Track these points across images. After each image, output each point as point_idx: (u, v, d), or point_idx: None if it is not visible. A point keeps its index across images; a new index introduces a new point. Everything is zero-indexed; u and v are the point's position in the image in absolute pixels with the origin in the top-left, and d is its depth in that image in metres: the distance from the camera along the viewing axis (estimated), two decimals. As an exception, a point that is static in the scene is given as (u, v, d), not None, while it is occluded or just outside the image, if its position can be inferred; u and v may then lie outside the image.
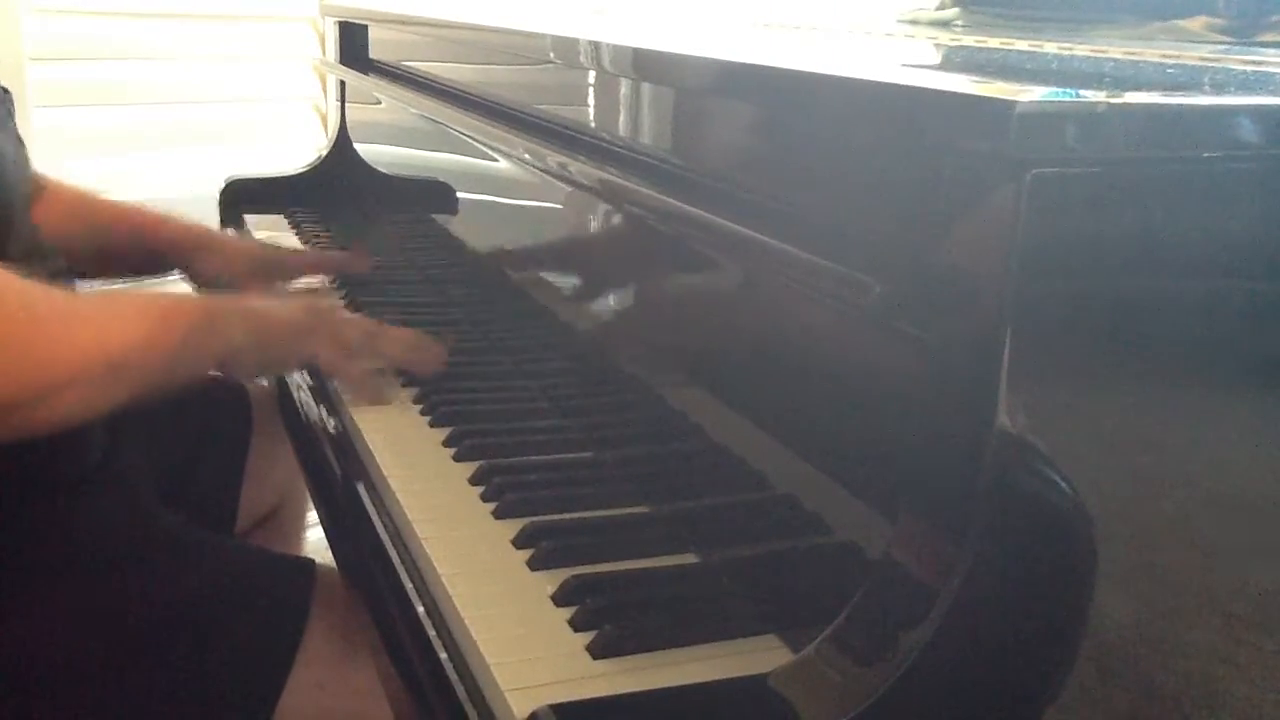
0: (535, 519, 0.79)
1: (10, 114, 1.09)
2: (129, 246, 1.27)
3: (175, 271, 1.34)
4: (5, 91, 1.12)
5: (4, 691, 0.85)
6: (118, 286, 1.27)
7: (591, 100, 0.97)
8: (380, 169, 1.59)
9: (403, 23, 1.49)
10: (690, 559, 0.75)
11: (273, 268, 1.31)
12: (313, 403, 1.03)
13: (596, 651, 0.65)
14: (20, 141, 1.11)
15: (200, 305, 0.91)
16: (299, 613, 0.92)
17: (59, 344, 0.79)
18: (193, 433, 1.21)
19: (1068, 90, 0.54)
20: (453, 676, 0.65)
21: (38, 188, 1.22)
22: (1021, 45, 0.92)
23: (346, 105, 1.69)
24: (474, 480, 0.86)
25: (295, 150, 1.91)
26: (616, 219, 0.89)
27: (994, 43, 0.96)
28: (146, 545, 0.96)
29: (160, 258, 1.29)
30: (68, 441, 0.84)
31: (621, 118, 0.91)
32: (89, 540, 0.93)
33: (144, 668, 0.88)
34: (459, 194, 1.28)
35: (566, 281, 1.03)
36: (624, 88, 0.88)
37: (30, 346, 0.77)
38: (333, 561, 0.88)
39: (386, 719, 0.76)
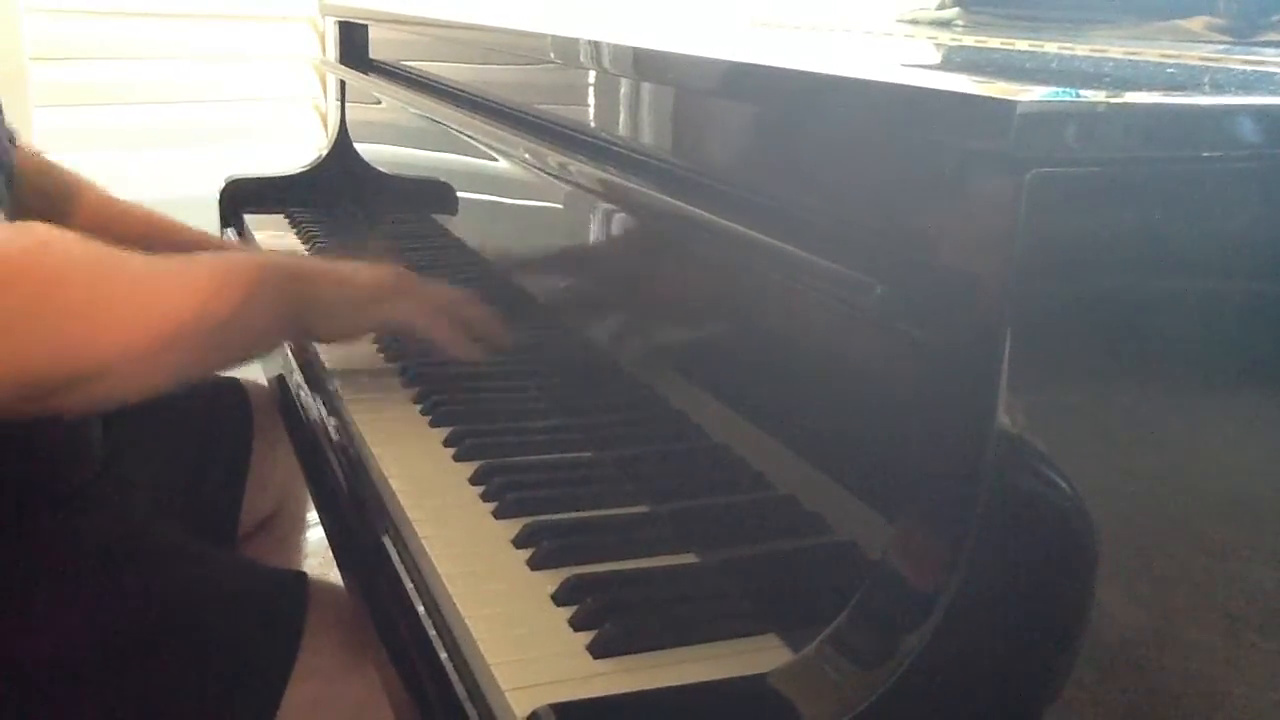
0: (535, 519, 0.79)
1: None
2: None
3: None
4: None
5: None
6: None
7: (591, 100, 0.97)
8: (380, 169, 1.59)
9: (403, 22, 1.49)
10: (690, 559, 0.75)
11: None
12: (313, 403, 1.03)
13: (597, 651, 0.65)
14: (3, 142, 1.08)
15: (262, 264, 0.86)
16: (293, 629, 0.91)
17: (124, 316, 0.75)
18: (194, 439, 1.20)
19: (1068, 90, 0.54)
20: (453, 676, 0.65)
21: (71, 192, 1.20)
22: (1021, 45, 0.92)
23: (346, 105, 1.69)
24: (474, 480, 0.86)
25: (295, 150, 1.91)
26: (616, 219, 0.89)
27: (994, 43, 0.96)
28: (141, 559, 0.94)
29: None
30: (67, 452, 0.82)
31: (621, 118, 0.91)
32: (83, 553, 0.92)
33: (136, 683, 0.87)
34: (459, 194, 1.28)
35: (567, 281, 1.03)
36: (624, 88, 0.88)
37: (99, 316, 0.74)
38: (333, 563, 0.88)
39: (388, 727, 0.76)
